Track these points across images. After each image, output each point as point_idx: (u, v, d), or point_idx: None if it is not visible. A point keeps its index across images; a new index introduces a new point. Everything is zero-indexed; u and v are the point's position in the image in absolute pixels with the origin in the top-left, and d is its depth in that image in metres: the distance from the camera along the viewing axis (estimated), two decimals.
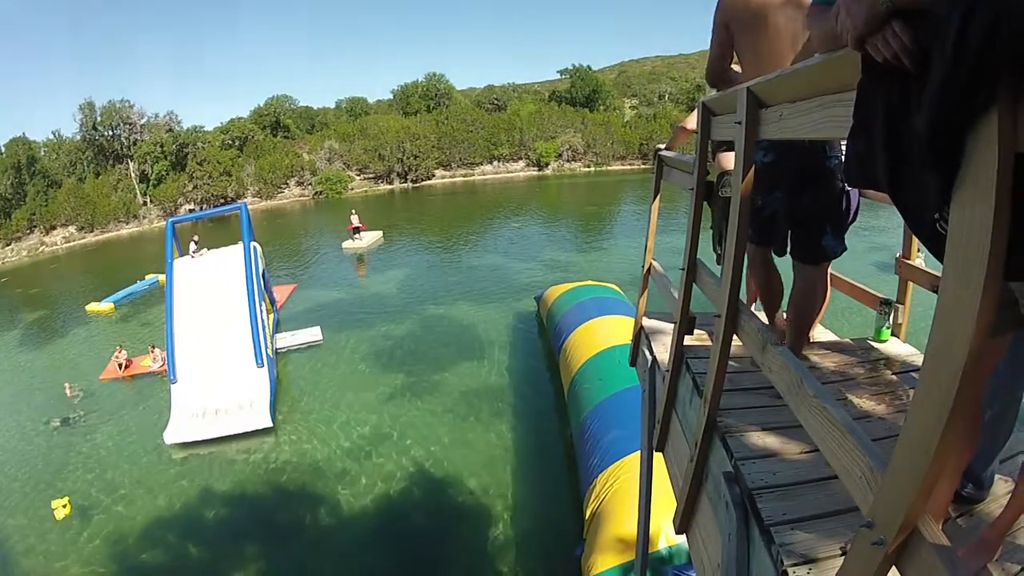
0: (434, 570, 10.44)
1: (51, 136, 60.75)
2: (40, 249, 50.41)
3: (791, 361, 2.01)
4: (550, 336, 18.14)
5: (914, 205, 1.28)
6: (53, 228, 52.78)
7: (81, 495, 13.17)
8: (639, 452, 9.21)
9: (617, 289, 19.93)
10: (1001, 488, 2.33)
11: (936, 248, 1.19)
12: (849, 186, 3.12)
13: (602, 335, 14.72)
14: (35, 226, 51.82)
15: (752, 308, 4.12)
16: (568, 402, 13.89)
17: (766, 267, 3.55)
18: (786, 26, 2.92)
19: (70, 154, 59.34)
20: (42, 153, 58.27)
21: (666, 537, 7.97)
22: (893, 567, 1.29)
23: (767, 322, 3.60)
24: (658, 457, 4.32)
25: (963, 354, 1.02)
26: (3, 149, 54.24)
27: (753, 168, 2.33)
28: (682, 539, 7.82)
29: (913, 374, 3.48)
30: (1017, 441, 2.43)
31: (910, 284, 3.94)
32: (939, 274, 1.14)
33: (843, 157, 3.08)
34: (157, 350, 19.90)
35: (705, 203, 3.35)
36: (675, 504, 3.35)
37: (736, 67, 3.44)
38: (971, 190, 1.02)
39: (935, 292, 1.14)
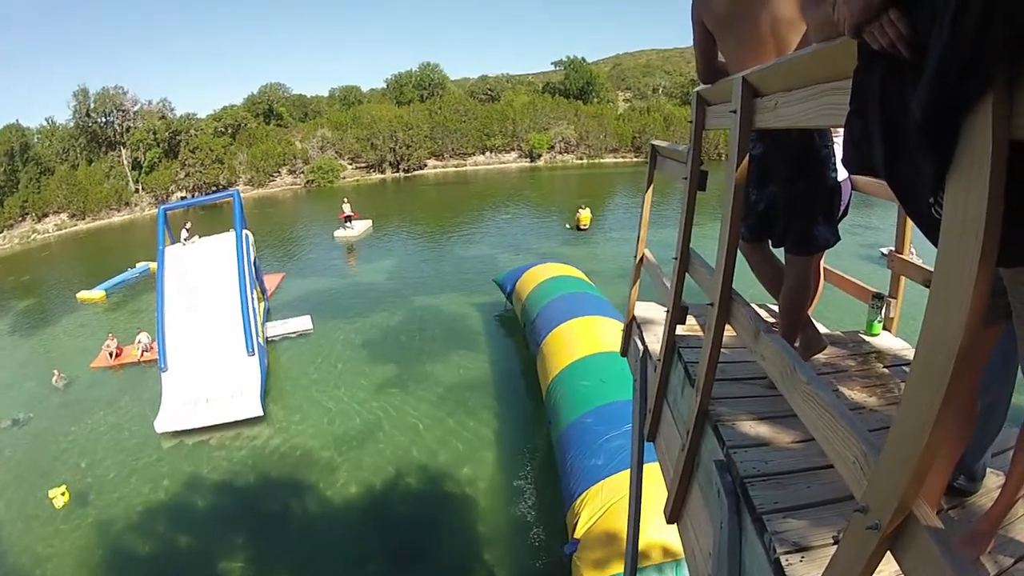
0: (421, 561, 10.47)
1: (44, 123, 60.16)
2: (32, 236, 49.91)
3: (784, 348, 2.02)
4: (526, 337, 17.87)
5: (910, 191, 1.29)
6: (45, 215, 52.27)
7: (76, 484, 13.19)
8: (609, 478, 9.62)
9: (584, 279, 20.05)
10: (993, 482, 2.34)
11: (931, 233, 1.20)
12: (848, 172, 3.12)
13: (573, 344, 14.53)
14: (27, 213, 51.30)
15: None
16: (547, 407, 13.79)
17: (770, 262, 3.55)
18: (762, 14, 2.89)
19: (63, 141, 58.66)
20: (35, 140, 57.58)
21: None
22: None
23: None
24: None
25: (958, 337, 1.03)
26: None
27: (747, 158, 2.34)
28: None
29: (905, 367, 3.49)
30: (1009, 435, 2.44)
31: (902, 278, 3.95)
32: (931, 269, 1.15)
33: (834, 146, 3.09)
34: (143, 334, 19.99)
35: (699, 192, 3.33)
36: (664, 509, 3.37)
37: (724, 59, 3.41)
38: (965, 176, 1.03)
39: (927, 286, 1.14)
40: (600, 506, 9.40)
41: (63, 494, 12.66)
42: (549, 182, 60.20)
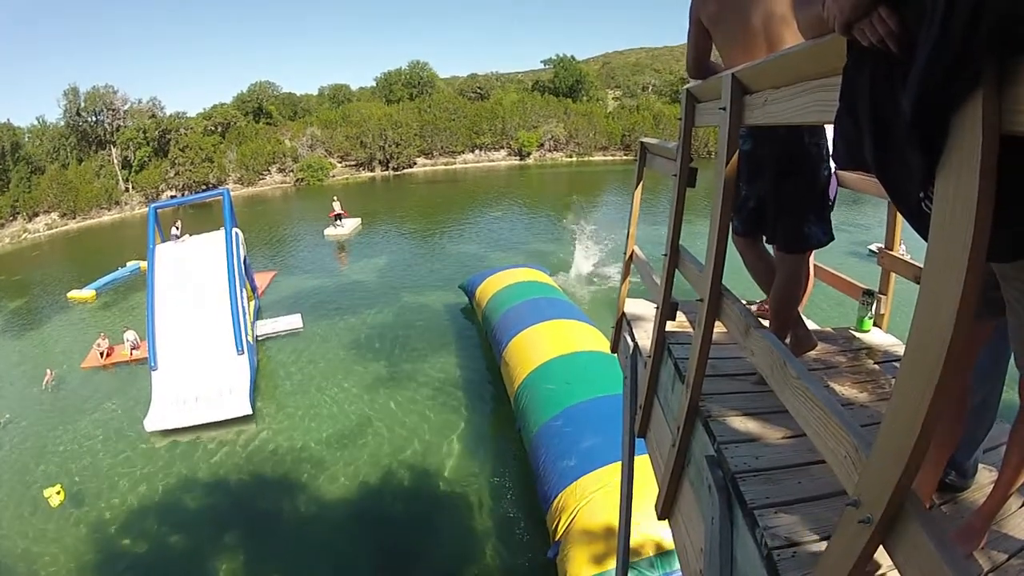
0: (411, 560, 10.45)
1: (35, 122, 59.73)
2: (22, 236, 49.41)
3: (774, 343, 2.02)
4: (490, 344, 17.59)
5: (900, 185, 1.29)
6: (36, 215, 51.77)
7: (70, 483, 13.16)
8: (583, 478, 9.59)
9: (548, 281, 20.12)
10: (985, 477, 2.34)
11: (921, 227, 1.20)
12: (838, 168, 3.12)
13: (535, 350, 14.41)
14: (18, 213, 50.77)
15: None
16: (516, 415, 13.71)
17: (764, 259, 3.55)
18: (753, 11, 2.91)
19: (53, 140, 58.15)
20: (26, 139, 57.05)
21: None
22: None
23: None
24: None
25: (948, 330, 1.03)
26: None
27: (737, 154, 2.34)
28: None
29: (895, 363, 3.49)
30: (1001, 431, 2.44)
31: (892, 275, 3.97)
32: (921, 265, 1.15)
33: (827, 143, 3.10)
34: (130, 332, 20.07)
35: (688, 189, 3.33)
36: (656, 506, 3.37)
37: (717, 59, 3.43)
38: (955, 170, 1.03)
39: (918, 283, 1.15)
40: (576, 506, 9.42)
41: (58, 493, 12.63)
42: (538, 180, 60.11)
